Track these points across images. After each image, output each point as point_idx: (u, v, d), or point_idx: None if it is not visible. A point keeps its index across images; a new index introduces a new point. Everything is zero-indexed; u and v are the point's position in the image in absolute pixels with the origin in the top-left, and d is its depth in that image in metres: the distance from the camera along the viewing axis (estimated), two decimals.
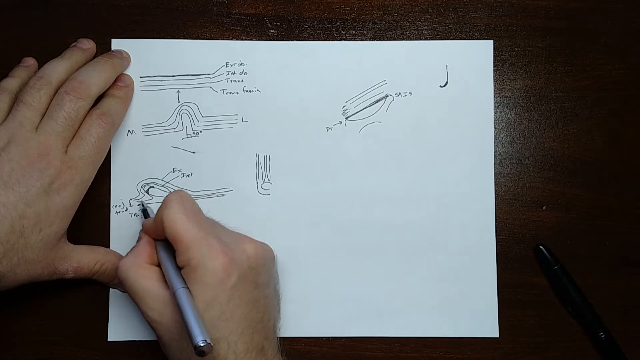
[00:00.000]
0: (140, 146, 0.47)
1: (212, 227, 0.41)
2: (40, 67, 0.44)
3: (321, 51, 0.47)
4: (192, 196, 0.47)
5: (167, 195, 0.41)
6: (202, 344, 0.34)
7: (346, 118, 0.47)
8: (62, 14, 0.48)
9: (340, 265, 0.47)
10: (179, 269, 0.39)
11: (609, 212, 0.47)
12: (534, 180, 0.47)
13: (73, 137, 0.42)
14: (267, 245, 0.43)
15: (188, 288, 0.38)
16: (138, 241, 0.43)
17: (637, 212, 0.47)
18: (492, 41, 0.47)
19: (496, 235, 0.47)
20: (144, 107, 0.47)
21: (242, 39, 0.47)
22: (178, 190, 0.42)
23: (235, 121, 0.47)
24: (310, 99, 0.47)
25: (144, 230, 0.43)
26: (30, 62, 0.46)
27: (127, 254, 0.42)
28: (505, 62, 0.48)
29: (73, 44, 0.46)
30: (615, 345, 0.46)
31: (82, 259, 0.44)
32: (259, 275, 0.40)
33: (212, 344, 0.35)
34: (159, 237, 0.42)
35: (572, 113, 0.48)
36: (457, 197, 0.47)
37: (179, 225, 0.39)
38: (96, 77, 0.43)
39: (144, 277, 0.40)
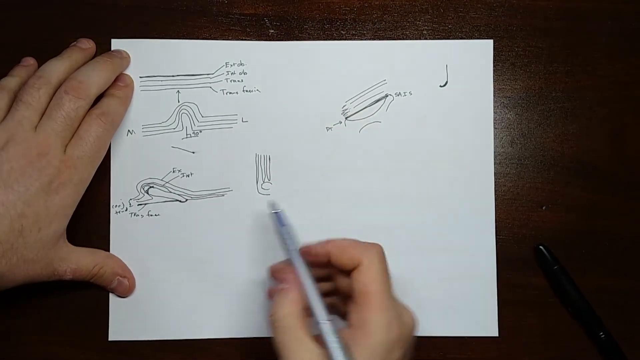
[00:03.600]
0: (140, 146, 0.47)
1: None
2: (40, 66, 0.44)
3: (321, 51, 0.47)
4: (193, 196, 0.47)
5: (372, 246, 0.38)
6: None
7: (346, 118, 0.47)
8: (62, 14, 0.48)
9: None
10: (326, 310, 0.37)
11: (609, 212, 0.47)
12: (534, 180, 0.47)
13: (72, 137, 0.42)
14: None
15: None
16: (282, 281, 0.39)
17: (637, 212, 0.47)
18: (492, 41, 0.47)
19: (496, 235, 0.47)
20: (144, 107, 0.47)
21: (242, 39, 0.47)
22: (381, 247, 0.39)
23: (235, 121, 0.47)
24: (310, 99, 0.47)
25: (331, 246, 0.39)
26: (30, 61, 0.46)
27: (280, 300, 0.38)
28: (505, 62, 0.48)
29: (73, 44, 0.46)
30: (615, 345, 0.45)
31: (81, 261, 0.44)
32: (409, 349, 0.39)
33: None
34: (325, 262, 0.39)
35: (572, 113, 0.48)
36: (457, 197, 0.47)
37: (375, 286, 0.37)
38: (96, 77, 0.43)
39: (302, 329, 0.37)
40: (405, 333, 0.38)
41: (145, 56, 0.47)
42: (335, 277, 0.41)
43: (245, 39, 0.47)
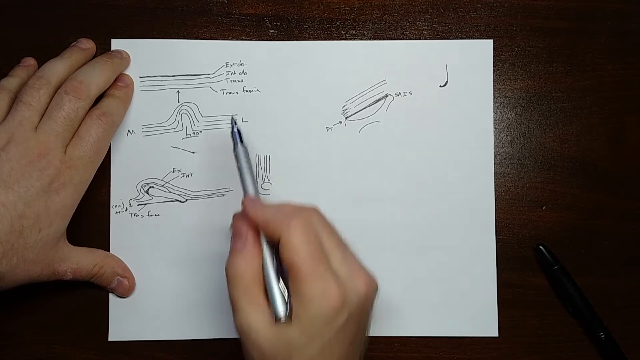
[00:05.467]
0: (140, 146, 0.47)
1: (334, 252, 0.37)
2: (40, 66, 0.44)
3: (321, 51, 0.47)
4: (193, 196, 0.47)
5: (294, 217, 0.36)
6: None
7: (346, 118, 0.47)
8: (62, 14, 0.48)
9: None
10: (279, 277, 0.38)
11: (609, 212, 0.47)
12: (534, 180, 0.47)
13: (72, 137, 0.42)
14: (374, 277, 0.39)
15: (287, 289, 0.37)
16: (239, 235, 0.38)
17: (637, 212, 0.47)
18: (492, 41, 0.47)
19: (496, 235, 0.47)
20: (144, 107, 0.47)
21: (242, 39, 0.47)
22: (306, 213, 0.37)
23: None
24: (310, 99, 0.47)
25: (250, 217, 0.38)
26: (30, 62, 0.46)
27: (235, 255, 0.38)
28: (505, 62, 0.48)
29: (73, 44, 0.46)
30: (615, 345, 0.46)
31: (81, 260, 0.44)
32: (363, 316, 0.38)
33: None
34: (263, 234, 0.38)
35: (572, 113, 0.48)
36: (457, 197, 0.47)
37: (298, 257, 0.36)
38: (96, 77, 0.43)
39: (256, 286, 0.37)
40: (352, 299, 0.36)
41: (145, 56, 0.47)
42: None
43: (245, 39, 0.47)
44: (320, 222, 0.38)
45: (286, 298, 0.37)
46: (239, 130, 0.42)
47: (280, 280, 0.37)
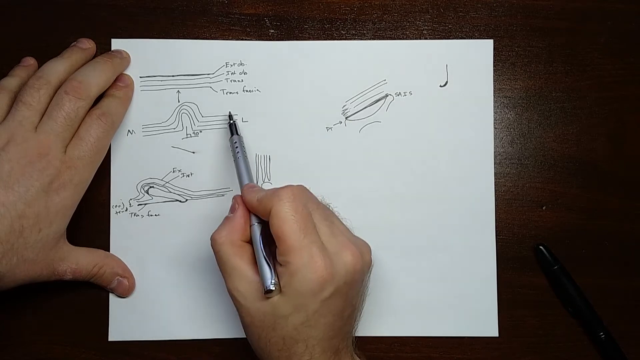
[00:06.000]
0: (140, 146, 0.47)
1: (322, 228, 0.39)
2: (40, 66, 0.44)
3: (321, 51, 0.47)
4: (193, 196, 0.47)
5: (283, 188, 0.38)
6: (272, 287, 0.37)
7: (346, 118, 0.47)
8: (62, 14, 0.48)
9: None
10: (270, 254, 0.38)
11: (609, 212, 0.47)
12: (534, 180, 0.47)
13: (72, 137, 0.42)
14: (367, 251, 0.41)
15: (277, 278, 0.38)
16: (232, 210, 0.41)
17: (637, 212, 0.47)
18: (492, 41, 0.47)
19: (496, 235, 0.47)
20: (144, 107, 0.47)
21: (242, 39, 0.48)
22: (295, 187, 0.39)
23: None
24: (310, 99, 0.47)
25: (245, 202, 0.40)
26: (30, 61, 0.46)
27: (221, 226, 0.40)
28: (505, 62, 0.48)
29: (73, 44, 0.46)
30: (615, 345, 0.46)
31: (81, 260, 0.44)
32: (352, 289, 0.39)
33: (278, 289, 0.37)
34: (258, 215, 0.40)
35: (572, 113, 0.48)
36: (457, 197, 0.47)
37: (287, 226, 0.37)
38: (96, 77, 0.43)
39: (237, 256, 0.39)
40: (339, 272, 0.37)
41: (145, 56, 0.47)
42: None
43: (245, 39, 0.47)
44: (308, 197, 0.39)
45: (273, 272, 0.38)
46: (235, 123, 0.46)
47: (270, 258, 0.38)
